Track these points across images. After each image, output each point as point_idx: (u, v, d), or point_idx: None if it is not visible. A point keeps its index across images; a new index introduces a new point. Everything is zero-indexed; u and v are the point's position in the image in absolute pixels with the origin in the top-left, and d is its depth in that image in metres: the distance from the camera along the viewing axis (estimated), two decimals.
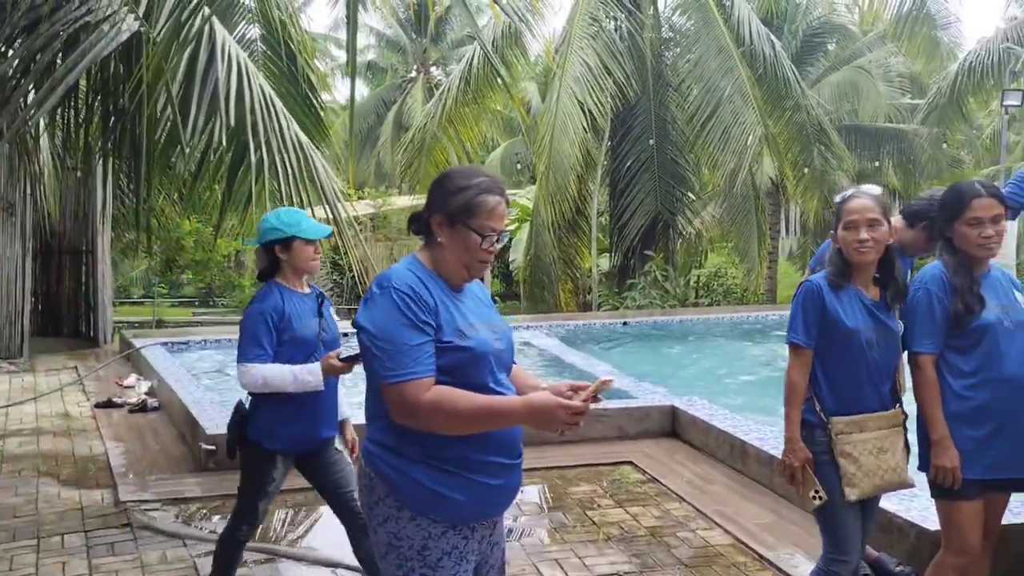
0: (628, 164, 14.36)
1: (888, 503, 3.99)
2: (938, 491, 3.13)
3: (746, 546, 4.40)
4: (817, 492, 3.03)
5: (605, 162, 15.19)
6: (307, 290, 3.59)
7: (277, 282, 3.51)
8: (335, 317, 3.67)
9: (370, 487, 2.35)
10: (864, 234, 2.98)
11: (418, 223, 2.44)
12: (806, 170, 14.15)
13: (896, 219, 3.64)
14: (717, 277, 19.65)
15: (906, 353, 3.21)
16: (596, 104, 12.44)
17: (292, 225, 3.46)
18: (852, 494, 3.00)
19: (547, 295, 14.43)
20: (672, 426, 6.51)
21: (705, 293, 18.78)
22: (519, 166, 23.52)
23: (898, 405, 3.12)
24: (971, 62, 15.97)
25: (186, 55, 4.52)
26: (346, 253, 5.33)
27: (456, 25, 26.43)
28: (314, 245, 3.50)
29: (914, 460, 3.20)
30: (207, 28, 4.58)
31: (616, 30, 13.50)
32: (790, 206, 20.12)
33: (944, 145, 18.98)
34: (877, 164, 20.25)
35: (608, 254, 16.90)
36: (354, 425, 3.61)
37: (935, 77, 17.38)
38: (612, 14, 13.30)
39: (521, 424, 2.26)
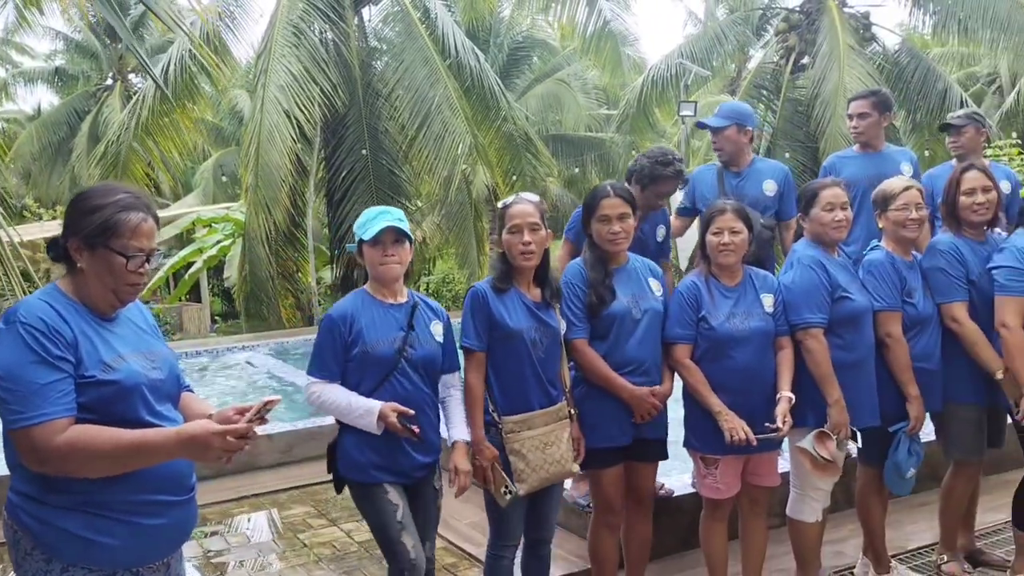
0: (343, 174, 14.20)
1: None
2: (584, 464, 3.45)
3: (456, 547, 4.49)
4: (507, 487, 3.16)
5: (321, 172, 14.95)
6: (401, 299, 3.11)
7: (364, 289, 3.11)
8: (434, 331, 3.15)
9: (15, 541, 2.13)
10: (527, 237, 3.16)
11: (56, 249, 2.22)
12: (515, 178, 14.79)
13: None
14: (446, 283, 20.06)
15: None
16: (304, 113, 12.18)
17: (360, 227, 3.03)
18: (522, 489, 3.17)
19: (267, 312, 13.90)
20: None
21: (436, 299, 19.08)
22: (224, 178, 22.46)
23: (564, 399, 3.33)
24: (654, 76, 17.54)
25: None
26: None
27: (155, 29, 24.75)
28: (382, 247, 3.01)
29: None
30: None
31: (321, 40, 13.32)
32: None
33: (634, 152, 20.68)
34: (578, 170, 21.65)
35: (331, 267, 16.66)
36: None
37: (625, 90, 18.88)
38: (315, 23, 13.10)
39: (175, 457, 2.11)
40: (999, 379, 3.56)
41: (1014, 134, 12.82)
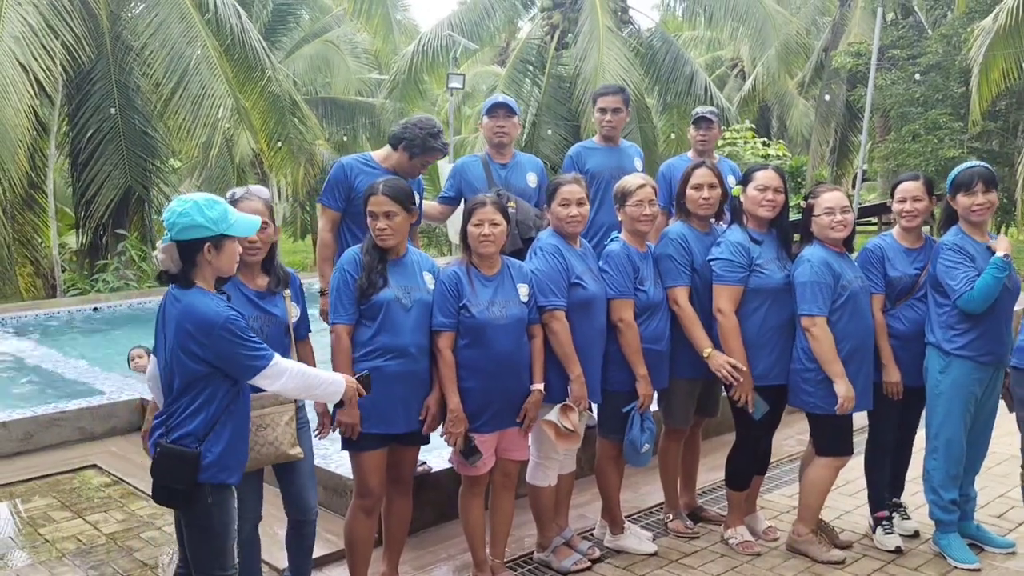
0: (90, 133, 13.14)
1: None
2: (344, 445, 3.56)
3: None
4: None
5: (64, 128, 13.73)
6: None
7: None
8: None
9: None
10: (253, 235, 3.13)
11: None
12: (280, 143, 14.35)
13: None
14: None
15: None
16: (43, 68, 11.09)
17: (220, 221, 2.86)
18: None
19: (3, 282, 12.68)
20: (143, 419, 6.24)
21: None
22: None
23: None
24: (424, 45, 17.62)
25: None
26: None
27: None
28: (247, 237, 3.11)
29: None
30: None
31: None
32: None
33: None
34: (346, 137, 21.29)
35: (76, 231, 15.41)
36: None
37: (395, 56, 18.79)
38: None
39: None
40: (705, 357, 4.03)
41: (747, 121, 14.15)
